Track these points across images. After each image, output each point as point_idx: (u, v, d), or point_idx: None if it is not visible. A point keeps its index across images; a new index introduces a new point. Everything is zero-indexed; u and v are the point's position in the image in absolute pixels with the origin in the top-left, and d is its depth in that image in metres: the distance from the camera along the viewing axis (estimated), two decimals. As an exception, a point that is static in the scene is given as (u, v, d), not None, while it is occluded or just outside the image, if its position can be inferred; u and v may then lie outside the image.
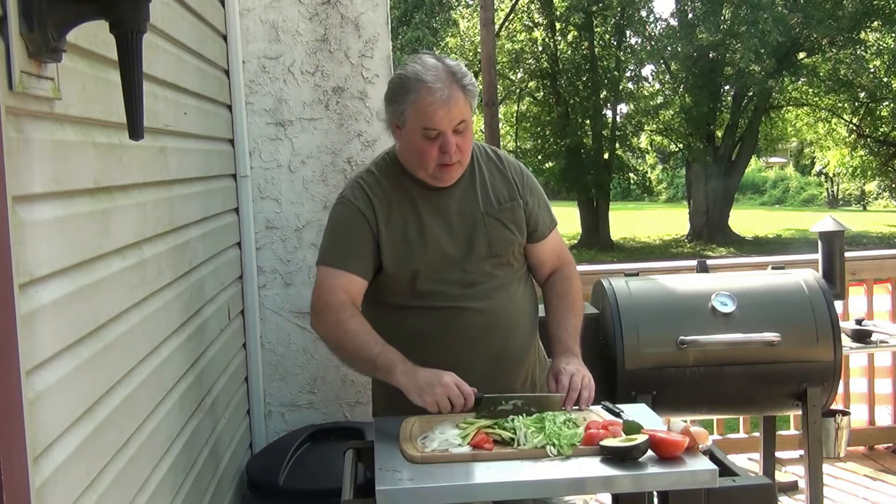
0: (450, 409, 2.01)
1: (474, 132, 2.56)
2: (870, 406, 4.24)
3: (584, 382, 2.13)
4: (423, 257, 2.21)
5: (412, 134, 2.16)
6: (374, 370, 2.14)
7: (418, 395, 2.03)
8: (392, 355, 2.09)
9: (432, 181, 2.21)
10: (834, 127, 24.50)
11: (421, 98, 2.11)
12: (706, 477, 1.74)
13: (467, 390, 2.02)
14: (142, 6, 1.29)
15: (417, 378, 2.04)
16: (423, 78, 2.12)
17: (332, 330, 2.19)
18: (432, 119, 2.11)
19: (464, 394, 2.01)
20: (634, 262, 6.16)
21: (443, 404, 2.00)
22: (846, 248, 3.55)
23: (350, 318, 2.16)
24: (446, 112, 2.11)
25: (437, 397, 2.00)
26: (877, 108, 22.61)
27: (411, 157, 2.21)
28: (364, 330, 2.15)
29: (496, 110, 17.94)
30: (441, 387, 2.00)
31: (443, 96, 2.10)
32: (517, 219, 2.29)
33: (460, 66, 2.19)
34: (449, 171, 2.18)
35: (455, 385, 2.02)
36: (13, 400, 1.15)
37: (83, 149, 1.54)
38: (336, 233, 2.27)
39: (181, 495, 2.10)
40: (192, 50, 2.47)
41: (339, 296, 2.18)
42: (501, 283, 2.26)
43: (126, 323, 1.73)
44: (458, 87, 2.13)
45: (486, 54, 16.80)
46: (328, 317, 2.19)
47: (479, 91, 2.73)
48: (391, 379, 2.07)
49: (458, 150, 2.15)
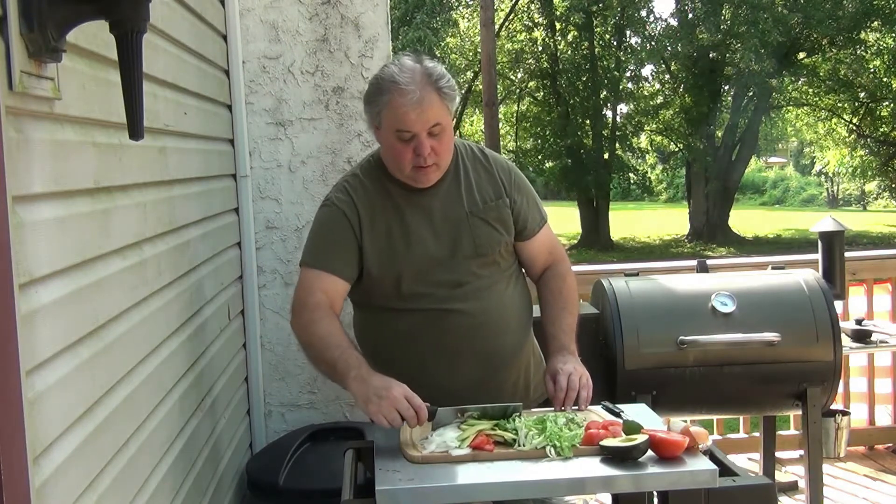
0: (400, 423, 1.89)
1: (474, 132, 2.55)
2: (870, 406, 4.24)
3: (582, 382, 2.11)
4: (407, 259, 2.19)
5: (388, 136, 2.15)
6: (334, 374, 2.06)
7: (364, 404, 1.93)
8: (351, 359, 2.00)
9: (411, 182, 2.20)
10: (834, 127, 24.51)
11: (393, 100, 2.09)
12: (706, 477, 1.74)
13: (417, 403, 1.89)
14: (142, 6, 1.29)
15: (368, 386, 1.93)
16: (397, 79, 2.10)
17: (304, 329, 2.15)
18: (404, 121, 2.09)
19: (414, 407, 1.89)
20: (634, 262, 6.16)
21: (390, 417, 1.88)
22: (846, 248, 3.55)
23: (322, 318, 2.11)
24: (418, 114, 2.08)
25: (384, 410, 1.88)
26: (877, 108, 22.62)
27: (389, 158, 2.20)
28: (332, 332, 2.08)
29: (496, 110, 17.95)
30: (388, 400, 1.89)
31: (414, 98, 2.07)
32: (503, 217, 2.27)
33: (439, 67, 2.16)
34: (425, 173, 2.16)
35: (404, 398, 1.89)
36: (13, 400, 1.15)
37: (83, 149, 1.54)
38: (319, 234, 2.26)
39: (181, 495, 2.10)
40: (192, 50, 2.47)
41: (316, 296, 2.15)
42: (488, 283, 2.24)
43: (126, 323, 1.73)
44: (433, 88, 2.10)
45: (486, 54, 16.82)
46: (303, 316, 2.16)
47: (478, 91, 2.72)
48: (345, 385, 1.99)
49: (432, 152, 2.11)
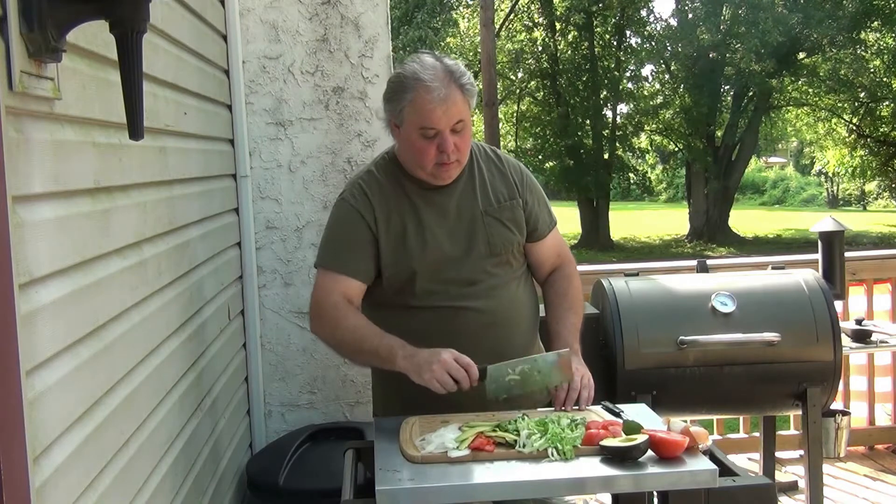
0: (455, 386, 1.98)
1: (474, 132, 2.56)
2: (870, 405, 4.24)
3: (584, 382, 2.12)
4: (422, 257, 2.21)
5: (410, 133, 2.16)
6: (379, 361, 2.13)
7: (418, 376, 2.01)
8: (393, 342, 2.08)
9: (431, 180, 2.21)
10: (834, 127, 24.52)
11: (419, 97, 2.11)
12: (706, 477, 1.74)
13: (465, 361, 2.00)
14: (142, 6, 1.29)
15: (417, 359, 2.02)
16: (421, 77, 2.12)
17: (331, 330, 2.20)
18: (430, 118, 2.11)
19: (463, 365, 1.99)
20: (634, 262, 6.16)
21: (443, 380, 1.98)
22: (846, 248, 3.55)
23: (346, 315, 2.16)
24: (444, 111, 2.11)
25: (436, 374, 1.98)
26: (877, 108, 22.62)
27: (409, 156, 2.21)
28: (363, 323, 2.15)
29: (496, 110, 17.94)
30: (439, 363, 1.98)
31: (440, 95, 2.10)
32: (516, 218, 2.29)
33: (459, 65, 2.19)
34: (447, 169, 2.18)
35: (453, 359, 2.00)
36: (13, 400, 1.15)
37: (83, 149, 1.54)
38: (334, 234, 2.27)
39: (181, 495, 2.10)
40: (192, 50, 2.46)
41: (335, 298, 2.19)
42: (501, 282, 2.26)
43: (126, 323, 1.73)
44: (457, 86, 2.13)
45: (486, 54, 16.81)
46: (326, 319, 2.20)
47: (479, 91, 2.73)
48: (395, 365, 2.06)
49: (455, 149, 2.14)
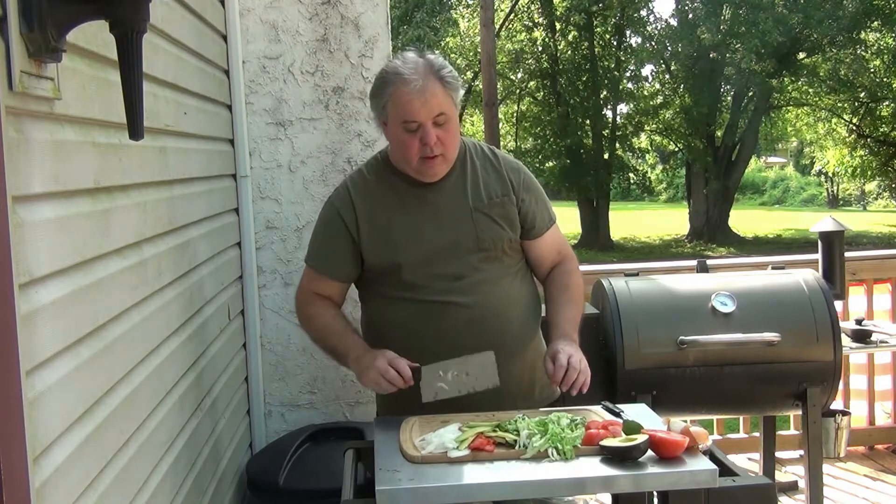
0: (388, 387, 2.07)
1: (475, 132, 2.58)
2: (870, 405, 4.24)
3: (582, 366, 2.12)
4: (407, 250, 2.23)
5: (394, 128, 2.19)
6: (338, 358, 2.29)
7: (360, 379, 2.15)
8: (350, 342, 2.21)
9: (418, 177, 2.23)
10: (834, 127, 24.52)
11: (397, 90, 2.14)
12: (706, 477, 1.74)
13: (400, 365, 2.07)
14: (142, 6, 1.29)
15: (360, 364, 2.14)
16: (400, 71, 2.15)
17: (305, 324, 2.38)
18: (408, 110, 2.13)
19: (399, 370, 2.06)
20: (634, 262, 6.16)
21: (379, 384, 2.08)
22: (846, 248, 3.55)
23: (318, 313, 2.31)
24: (422, 103, 2.12)
25: (373, 378, 2.08)
26: (877, 108, 22.62)
27: (396, 151, 2.24)
28: (328, 321, 2.28)
29: (496, 110, 17.93)
30: (374, 370, 2.08)
31: (417, 87, 2.12)
32: (508, 214, 2.28)
33: (440, 59, 2.22)
34: (432, 165, 2.18)
35: (387, 363, 2.07)
36: (13, 400, 1.15)
37: (83, 149, 1.54)
38: (317, 233, 2.38)
39: (181, 495, 2.10)
40: (192, 50, 2.46)
41: (309, 294, 2.35)
42: (489, 278, 2.25)
43: (126, 323, 1.73)
44: (436, 78, 2.15)
45: (486, 54, 16.81)
46: (301, 314, 2.38)
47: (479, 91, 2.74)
48: (347, 366, 2.22)
49: (439, 142, 2.15)
